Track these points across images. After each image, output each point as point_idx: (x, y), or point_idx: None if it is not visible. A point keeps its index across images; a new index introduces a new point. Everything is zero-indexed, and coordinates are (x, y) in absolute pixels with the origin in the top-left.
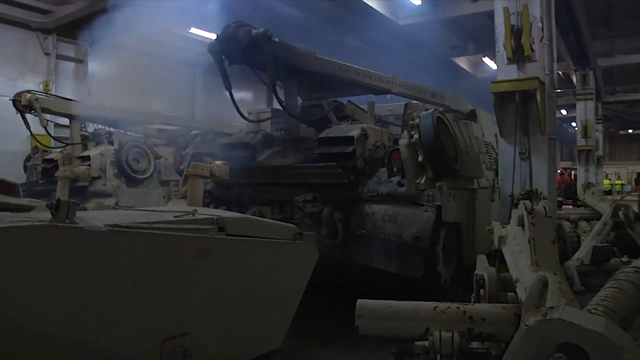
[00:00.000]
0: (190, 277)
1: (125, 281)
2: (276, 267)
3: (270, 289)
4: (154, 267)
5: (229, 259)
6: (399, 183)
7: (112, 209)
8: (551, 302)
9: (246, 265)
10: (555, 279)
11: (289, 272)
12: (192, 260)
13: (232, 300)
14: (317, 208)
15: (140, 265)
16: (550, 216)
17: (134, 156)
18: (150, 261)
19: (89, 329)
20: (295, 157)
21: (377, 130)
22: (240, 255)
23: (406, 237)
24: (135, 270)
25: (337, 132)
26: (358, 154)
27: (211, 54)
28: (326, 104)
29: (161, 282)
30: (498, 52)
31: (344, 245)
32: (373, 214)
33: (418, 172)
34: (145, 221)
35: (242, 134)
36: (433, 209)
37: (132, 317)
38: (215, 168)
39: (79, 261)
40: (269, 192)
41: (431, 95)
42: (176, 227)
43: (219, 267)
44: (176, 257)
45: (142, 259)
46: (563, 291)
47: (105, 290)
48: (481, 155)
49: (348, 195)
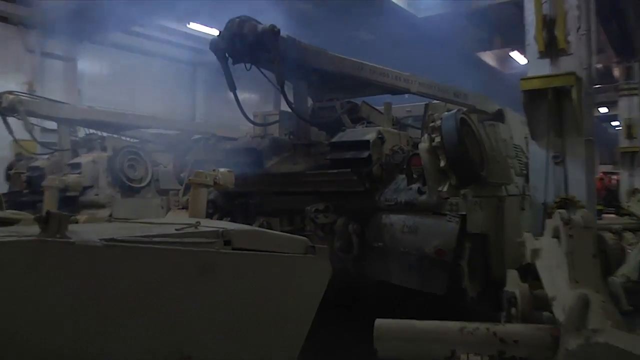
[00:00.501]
0: (193, 295)
1: (123, 300)
2: (286, 283)
3: (280, 308)
4: (153, 285)
5: (235, 275)
6: (419, 191)
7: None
8: (594, 323)
9: (254, 281)
10: (597, 298)
11: (300, 289)
12: (195, 276)
13: (239, 320)
14: (329, 219)
15: (139, 282)
16: (590, 227)
17: (130, 163)
18: (150, 278)
19: (82, 352)
20: (306, 164)
21: (395, 133)
22: (248, 271)
23: (428, 250)
24: (133, 288)
25: (351, 136)
26: (374, 159)
27: (213, 52)
28: (339, 106)
29: (162, 300)
30: (528, 45)
31: (359, 259)
32: (391, 225)
33: (440, 179)
34: (144, 234)
35: (247, 138)
36: (457, 219)
37: (130, 338)
38: (219, 176)
39: (72, 279)
40: (277, 202)
41: (454, 95)
42: (178, 241)
43: (225, 284)
44: (178, 273)
45: (141, 276)
46: (608, 311)
47: (100, 311)
48: (510, 159)
49: (363, 205)
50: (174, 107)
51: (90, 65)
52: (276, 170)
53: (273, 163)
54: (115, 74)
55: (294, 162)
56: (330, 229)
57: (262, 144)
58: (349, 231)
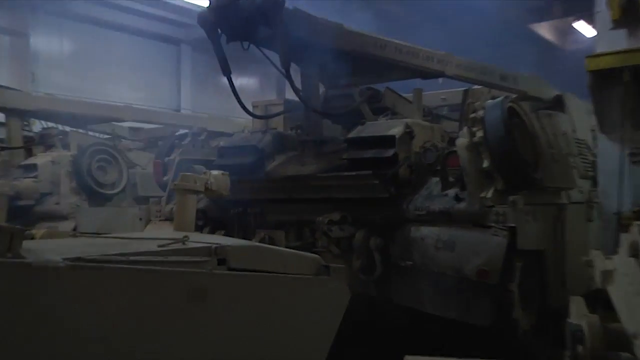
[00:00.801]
0: (180, 326)
1: (92, 333)
2: (294, 311)
3: (286, 340)
4: (131, 314)
5: (231, 302)
6: (456, 197)
7: (71, 236)
8: None
9: (254, 309)
10: None
11: (311, 318)
12: (183, 304)
13: (236, 356)
14: (346, 232)
15: (112, 311)
16: None
17: (100, 164)
18: (127, 306)
19: None
20: (317, 165)
21: (427, 126)
22: (247, 297)
23: (468, 271)
24: (105, 318)
25: (372, 131)
26: (401, 159)
27: (202, 27)
28: (357, 93)
29: (141, 333)
30: (598, 12)
31: (383, 282)
32: (422, 240)
33: (483, 183)
34: (119, 252)
35: (245, 134)
36: (504, 233)
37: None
38: (212, 180)
39: (27, 307)
40: (282, 211)
41: (500, 78)
42: (161, 260)
43: (219, 313)
44: (162, 300)
45: (116, 304)
46: None
47: (63, 346)
48: (571, 158)
49: (388, 215)
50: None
51: (46, 43)
52: (281, 172)
53: (277, 164)
54: (80, 54)
55: (302, 162)
56: (348, 244)
57: (263, 141)
58: (370, 247)
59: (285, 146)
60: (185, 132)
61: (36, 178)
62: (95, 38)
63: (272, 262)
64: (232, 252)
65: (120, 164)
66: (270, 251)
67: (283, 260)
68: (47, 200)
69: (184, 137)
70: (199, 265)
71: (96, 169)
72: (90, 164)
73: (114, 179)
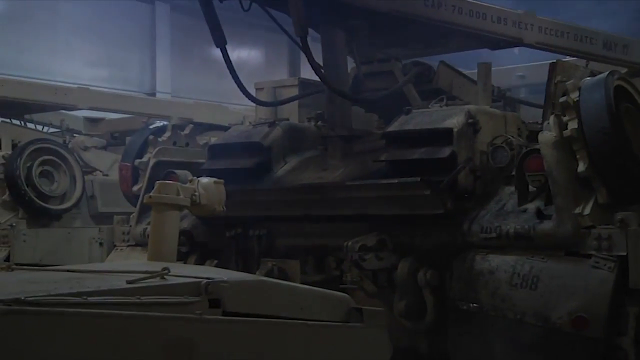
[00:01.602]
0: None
1: None
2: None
3: None
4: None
5: (228, 358)
6: (539, 214)
7: (4, 268)
8: None
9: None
10: None
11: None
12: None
13: None
14: (385, 262)
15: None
16: None
17: (44, 169)
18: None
19: None
20: (345, 169)
21: (497, 115)
22: (248, 351)
23: (558, 318)
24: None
25: (421, 122)
26: (461, 160)
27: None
28: (399, 69)
29: None
30: None
31: (437, 332)
32: (491, 273)
33: (578, 194)
34: (72, 292)
35: (246, 127)
36: (611, 265)
37: None
38: (201, 190)
39: None
40: (297, 234)
41: (603, 45)
42: (132, 302)
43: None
44: (133, 356)
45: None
46: None
47: None
48: None
49: (443, 238)
50: (118, 73)
51: None
52: (295, 180)
53: (289, 168)
54: (14, 17)
55: (324, 166)
56: (387, 278)
57: (270, 136)
58: (419, 283)
59: (301, 144)
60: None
61: None
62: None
63: (283, 303)
64: (228, 290)
65: (72, 168)
66: (281, 288)
67: (298, 300)
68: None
69: (161, 132)
70: (183, 308)
71: (38, 176)
72: (31, 169)
73: (64, 190)
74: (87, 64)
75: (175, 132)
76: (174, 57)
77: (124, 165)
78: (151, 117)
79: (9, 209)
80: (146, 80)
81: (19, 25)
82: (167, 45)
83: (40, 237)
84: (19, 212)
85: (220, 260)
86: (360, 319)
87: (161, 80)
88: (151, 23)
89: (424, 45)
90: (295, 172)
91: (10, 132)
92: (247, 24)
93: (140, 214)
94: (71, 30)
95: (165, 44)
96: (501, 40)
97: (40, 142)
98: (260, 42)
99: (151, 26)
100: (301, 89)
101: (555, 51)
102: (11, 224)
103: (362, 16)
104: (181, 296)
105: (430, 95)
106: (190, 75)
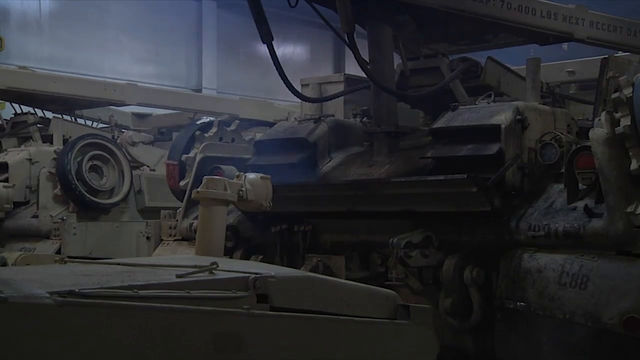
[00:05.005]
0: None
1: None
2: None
3: None
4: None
5: (275, 352)
6: (590, 213)
7: (57, 261)
8: None
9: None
10: None
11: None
12: (210, 354)
13: None
14: (431, 259)
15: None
16: None
17: (93, 164)
18: (135, 357)
19: None
20: (391, 165)
21: (546, 112)
22: (295, 346)
23: (609, 319)
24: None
25: (468, 118)
26: (509, 157)
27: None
28: (446, 65)
29: None
30: None
31: (483, 330)
32: (539, 272)
33: (629, 193)
34: (123, 284)
35: (291, 123)
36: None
37: None
38: (247, 186)
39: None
40: (342, 230)
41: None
42: (181, 296)
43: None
44: (182, 349)
45: (119, 353)
46: None
47: None
48: None
49: (490, 236)
50: (165, 69)
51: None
52: (340, 176)
53: (335, 164)
54: (65, 15)
55: (369, 162)
56: (433, 276)
57: (315, 132)
58: (465, 281)
59: (347, 140)
60: (210, 121)
61: (6, 182)
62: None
63: (330, 299)
64: (276, 286)
65: (120, 163)
66: (328, 284)
67: (344, 296)
68: (20, 212)
69: (208, 127)
70: (232, 303)
71: (88, 170)
72: (81, 164)
73: (112, 184)
74: (135, 61)
75: (221, 128)
76: (220, 54)
77: (171, 161)
78: (197, 114)
79: (60, 203)
80: (192, 76)
81: (71, 23)
82: (213, 42)
83: (90, 230)
84: (70, 205)
85: (265, 256)
86: (407, 316)
87: (207, 76)
88: (198, 20)
89: (472, 40)
90: (341, 168)
91: (62, 127)
92: (293, 19)
93: (186, 209)
94: (120, 28)
95: (212, 41)
96: (551, 36)
97: (90, 138)
98: (305, 38)
99: (198, 23)
100: (347, 85)
101: (607, 46)
102: (62, 217)
103: (409, 12)
104: (229, 291)
105: (478, 91)
106: (236, 71)
